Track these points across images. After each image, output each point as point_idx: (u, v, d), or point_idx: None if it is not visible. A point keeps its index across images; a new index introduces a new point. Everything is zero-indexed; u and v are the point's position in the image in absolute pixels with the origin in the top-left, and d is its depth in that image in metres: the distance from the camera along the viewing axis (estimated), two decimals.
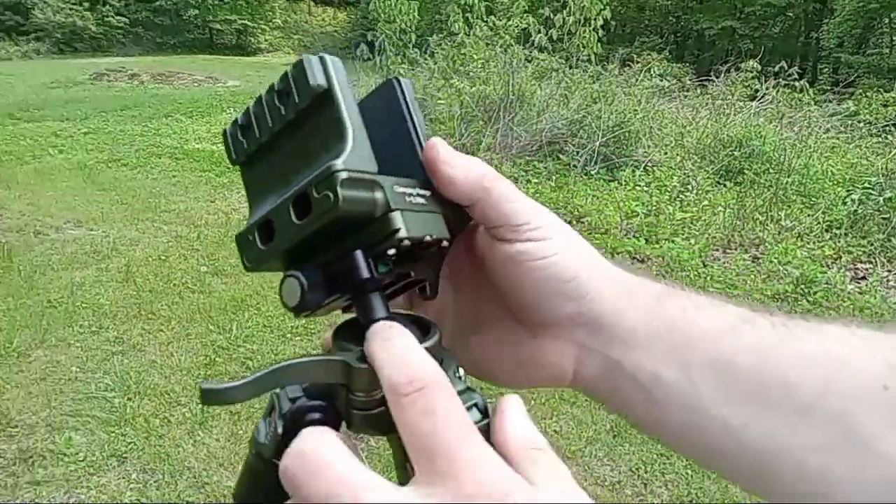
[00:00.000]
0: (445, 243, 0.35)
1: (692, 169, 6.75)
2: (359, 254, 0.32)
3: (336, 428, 0.33)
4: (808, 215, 5.67)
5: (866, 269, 4.72)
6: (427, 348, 0.31)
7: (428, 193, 0.35)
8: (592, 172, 6.85)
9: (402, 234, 0.32)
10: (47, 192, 6.22)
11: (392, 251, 0.32)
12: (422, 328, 0.35)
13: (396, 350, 0.29)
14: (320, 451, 0.26)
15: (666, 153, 7.37)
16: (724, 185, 6.68)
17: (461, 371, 0.35)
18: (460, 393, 0.30)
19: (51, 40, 29.55)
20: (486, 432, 0.29)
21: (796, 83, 8.91)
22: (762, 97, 9.12)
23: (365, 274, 0.32)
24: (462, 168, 0.35)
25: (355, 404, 0.32)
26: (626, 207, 5.71)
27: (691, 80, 11.63)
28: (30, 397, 2.77)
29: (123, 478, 2.34)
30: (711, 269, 4.56)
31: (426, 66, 9.30)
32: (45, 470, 2.34)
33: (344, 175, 0.30)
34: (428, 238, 0.33)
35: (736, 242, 5.10)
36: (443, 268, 0.40)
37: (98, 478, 2.33)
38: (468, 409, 0.30)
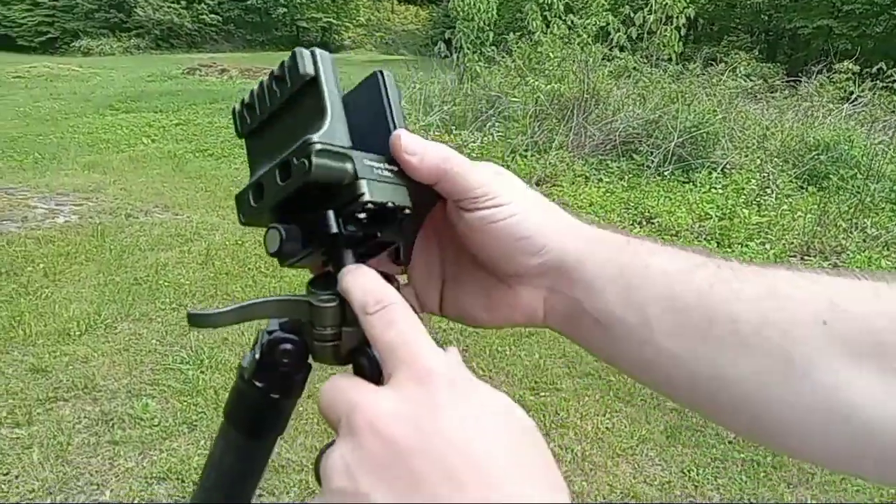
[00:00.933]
0: (408, 211, 0.41)
1: (773, 172, 6.48)
2: (330, 213, 0.38)
3: (304, 358, 0.40)
4: None
5: None
6: None
7: (395, 169, 0.41)
8: (666, 173, 6.70)
9: (366, 198, 0.37)
10: (139, 178, 6.64)
11: (362, 214, 0.38)
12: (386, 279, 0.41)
13: (363, 280, 0.37)
14: (336, 379, 0.34)
15: (746, 155, 7.11)
16: (807, 190, 6.40)
17: None
18: None
19: (150, 36, 31.27)
20: None
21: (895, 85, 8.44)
22: (856, 99, 8.67)
23: (334, 229, 0.38)
24: (420, 155, 0.40)
25: (318, 337, 0.39)
26: (699, 210, 5.56)
27: (781, 81, 11.16)
28: (113, 365, 2.99)
29: (192, 443, 2.50)
30: None
31: (503, 63, 9.31)
32: (124, 432, 2.53)
33: (318, 147, 0.36)
34: (390, 204, 0.38)
35: (816, 249, 4.89)
36: (430, 234, 0.47)
37: (170, 442, 2.50)
38: None
